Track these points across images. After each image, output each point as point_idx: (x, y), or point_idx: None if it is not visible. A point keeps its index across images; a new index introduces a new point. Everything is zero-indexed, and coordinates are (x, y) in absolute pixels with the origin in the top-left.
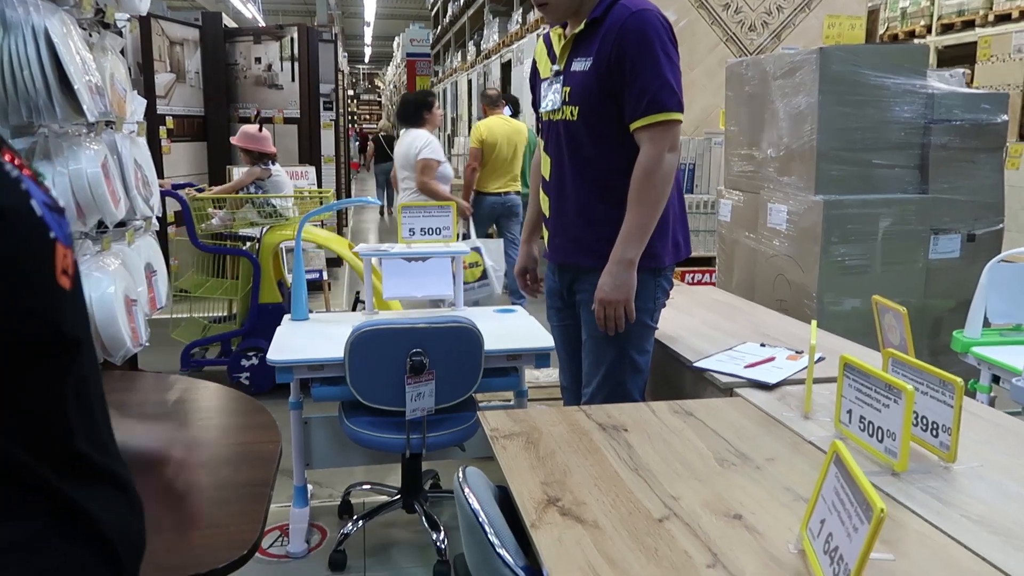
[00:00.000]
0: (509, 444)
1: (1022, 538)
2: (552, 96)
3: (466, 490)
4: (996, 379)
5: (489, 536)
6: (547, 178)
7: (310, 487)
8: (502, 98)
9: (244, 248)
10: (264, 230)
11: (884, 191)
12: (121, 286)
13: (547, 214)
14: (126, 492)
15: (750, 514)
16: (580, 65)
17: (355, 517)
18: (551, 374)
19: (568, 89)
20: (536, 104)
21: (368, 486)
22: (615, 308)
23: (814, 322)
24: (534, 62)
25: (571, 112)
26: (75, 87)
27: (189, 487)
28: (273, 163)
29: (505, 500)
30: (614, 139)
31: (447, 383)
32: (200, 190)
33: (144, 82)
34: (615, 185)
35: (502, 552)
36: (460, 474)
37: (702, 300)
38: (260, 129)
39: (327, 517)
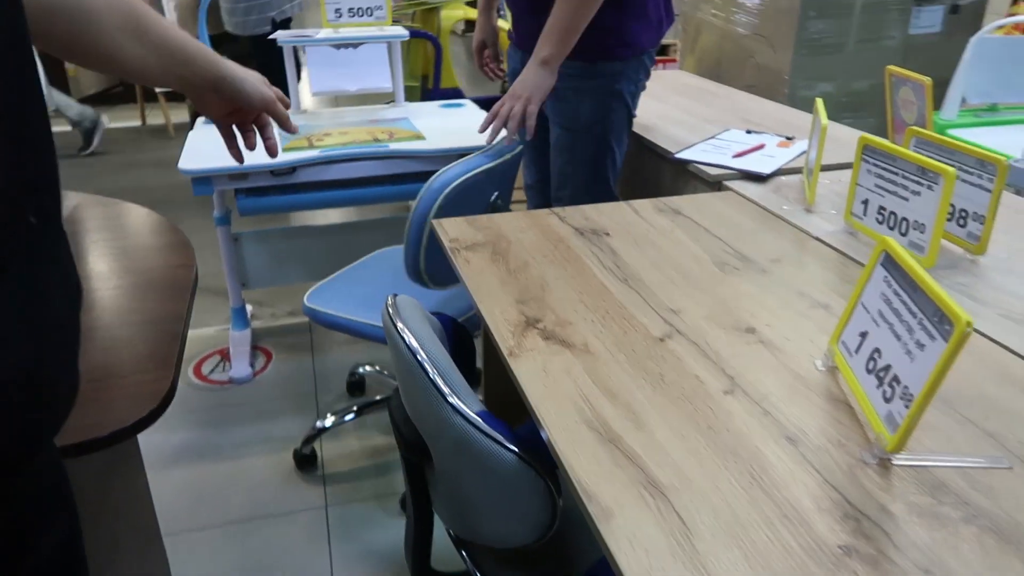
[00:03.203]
0: (472, 257)
1: None
2: None
3: (399, 324)
4: None
5: (434, 380)
6: None
7: (249, 308)
8: None
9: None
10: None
11: None
12: None
13: None
14: None
15: (764, 326)
16: None
17: (331, 419)
18: None
19: None
20: None
21: (378, 368)
22: (517, 103)
23: (819, 100)
24: None
25: None
26: None
27: (87, 329)
28: None
29: (451, 331)
30: None
31: None
32: None
33: None
34: None
35: (453, 401)
36: (389, 302)
37: (672, 84)
38: None
39: (271, 338)
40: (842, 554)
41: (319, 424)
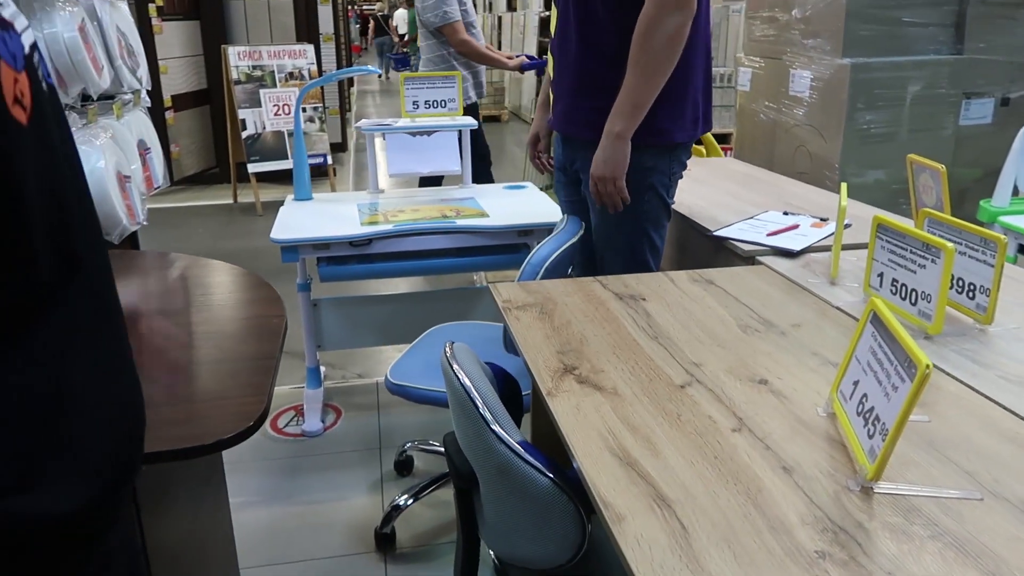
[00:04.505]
0: (522, 315)
1: None
2: None
3: (455, 366)
4: (1023, 249)
5: (481, 411)
6: (552, 35)
7: (323, 368)
8: None
9: None
10: None
11: (916, 52)
12: (112, 160)
13: (551, 75)
14: None
15: (776, 379)
16: None
17: (405, 497)
18: None
19: None
20: None
21: (434, 444)
22: (606, 184)
23: (844, 184)
24: None
25: None
26: None
27: (195, 361)
28: None
29: (503, 381)
30: None
31: None
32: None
33: None
34: (621, 50)
35: (496, 428)
36: (448, 350)
37: (722, 171)
38: None
39: (341, 397)
40: (817, 557)
41: (398, 502)
